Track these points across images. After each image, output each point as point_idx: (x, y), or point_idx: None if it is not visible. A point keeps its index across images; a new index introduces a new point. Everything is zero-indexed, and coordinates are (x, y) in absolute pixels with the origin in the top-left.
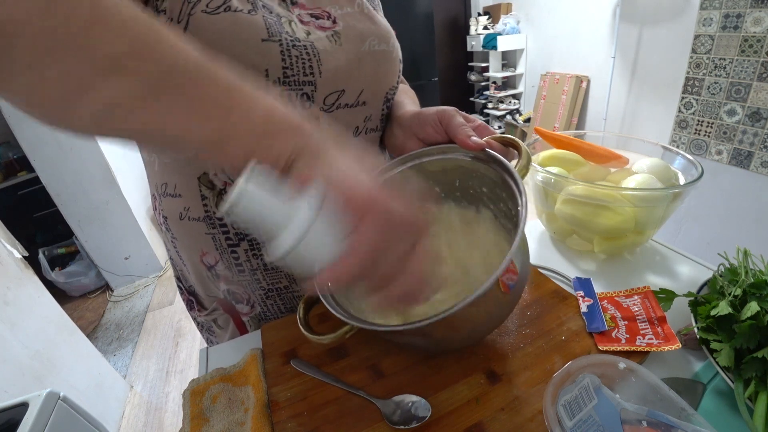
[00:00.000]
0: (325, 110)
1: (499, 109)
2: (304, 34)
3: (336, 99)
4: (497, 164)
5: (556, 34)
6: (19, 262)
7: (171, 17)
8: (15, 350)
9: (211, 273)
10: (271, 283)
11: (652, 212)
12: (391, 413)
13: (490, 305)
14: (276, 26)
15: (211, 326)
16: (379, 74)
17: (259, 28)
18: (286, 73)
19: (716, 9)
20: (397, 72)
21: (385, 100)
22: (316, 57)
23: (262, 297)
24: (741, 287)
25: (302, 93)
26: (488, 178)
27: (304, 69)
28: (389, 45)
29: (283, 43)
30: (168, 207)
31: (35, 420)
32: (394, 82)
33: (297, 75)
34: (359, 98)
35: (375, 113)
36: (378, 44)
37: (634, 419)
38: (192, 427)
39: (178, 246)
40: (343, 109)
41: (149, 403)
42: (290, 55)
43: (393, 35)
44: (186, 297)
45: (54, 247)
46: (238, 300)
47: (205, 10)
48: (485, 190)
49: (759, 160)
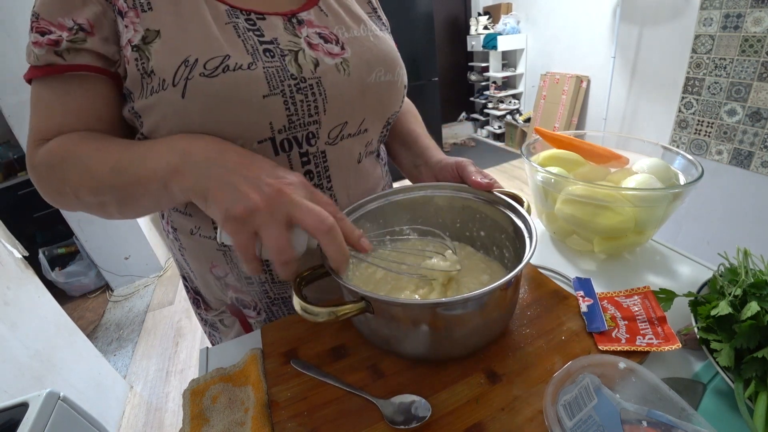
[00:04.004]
0: (330, 143)
1: (499, 109)
2: (311, 67)
3: (340, 131)
4: (505, 206)
5: (556, 34)
6: (19, 262)
7: (164, 78)
8: (15, 350)
9: (221, 282)
10: (278, 293)
11: (652, 212)
12: (391, 413)
13: (493, 308)
14: (279, 75)
15: (215, 324)
16: (382, 103)
17: (260, 84)
18: (291, 119)
19: (716, 9)
20: (401, 99)
21: (386, 124)
22: (322, 95)
23: (268, 304)
24: (741, 287)
25: (308, 132)
26: (490, 220)
27: (309, 111)
28: (395, 75)
29: (285, 92)
30: (178, 221)
31: (35, 420)
32: (397, 108)
33: (302, 118)
34: (361, 126)
35: (375, 137)
36: (384, 75)
37: (634, 419)
38: (192, 427)
39: (186, 255)
40: (346, 139)
41: (149, 403)
42: (294, 102)
43: (400, 63)
44: (192, 295)
45: (54, 247)
46: (245, 306)
47: (203, 73)
48: (482, 234)
49: (759, 160)
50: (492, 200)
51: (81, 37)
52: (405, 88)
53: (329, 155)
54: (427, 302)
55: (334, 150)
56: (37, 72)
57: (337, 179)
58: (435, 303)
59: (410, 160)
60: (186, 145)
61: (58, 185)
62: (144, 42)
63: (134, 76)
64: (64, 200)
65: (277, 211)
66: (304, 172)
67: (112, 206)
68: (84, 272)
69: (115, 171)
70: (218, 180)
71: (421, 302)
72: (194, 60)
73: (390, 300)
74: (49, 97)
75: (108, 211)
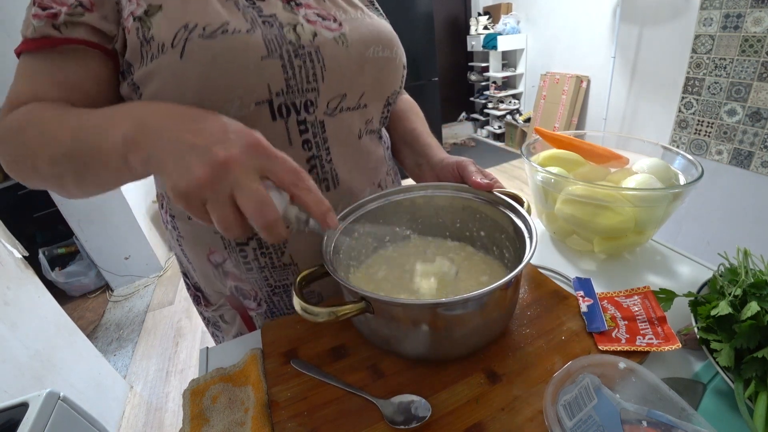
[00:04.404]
0: (328, 114)
1: (499, 109)
2: (310, 37)
3: (338, 103)
4: (505, 206)
5: (556, 34)
6: (19, 262)
7: (163, 42)
8: (15, 350)
9: (218, 271)
10: (279, 280)
11: (652, 212)
12: (391, 413)
13: (493, 308)
14: (277, 41)
15: (217, 321)
16: (381, 79)
17: (258, 48)
18: (288, 83)
19: (716, 9)
20: (401, 78)
21: (387, 104)
22: (320, 63)
23: (269, 294)
24: (741, 287)
25: (306, 100)
26: (491, 220)
27: (308, 77)
28: (393, 52)
29: (284, 56)
30: (176, 206)
31: (35, 420)
32: (397, 87)
33: (300, 83)
34: (360, 101)
35: (376, 116)
36: (382, 51)
37: (634, 419)
38: (192, 427)
39: (183, 245)
40: (345, 112)
41: (149, 403)
42: (293, 67)
43: (397, 42)
44: (192, 292)
45: (54, 247)
46: (245, 296)
47: (201, 34)
48: (483, 234)
49: (759, 160)
50: (492, 200)
51: (79, 12)
52: (404, 68)
53: (328, 126)
54: (427, 302)
55: (333, 121)
56: (31, 45)
57: (336, 153)
58: (435, 303)
59: (413, 159)
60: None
61: (15, 151)
62: (146, 14)
63: (134, 45)
64: (20, 170)
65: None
66: (303, 141)
67: (69, 180)
68: (84, 272)
69: (74, 140)
70: (167, 150)
71: (421, 302)
72: (194, 24)
73: (390, 300)
74: (36, 68)
75: (65, 186)
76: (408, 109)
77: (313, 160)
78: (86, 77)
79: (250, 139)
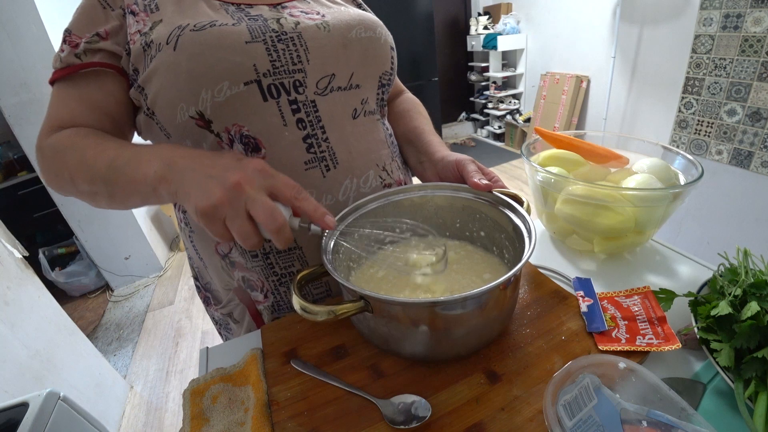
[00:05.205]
0: (319, 94)
1: (499, 109)
2: (292, 25)
3: (328, 83)
4: (505, 206)
5: (556, 34)
6: (19, 262)
7: (160, 42)
8: (15, 350)
9: (226, 262)
10: (284, 267)
11: (652, 212)
12: (391, 413)
13: (492, 307)
14: (260, 29)
15: (227, 322)
16: (368, 59)
17: (242, 34)
18: (274, 65)
19: (716, 9)
20: (389, 58)
21: (380, 85)
22: (303, 46)
23: (276, 284)
24: (741, 287)
25: (294, 80)
26: (490, 220)
27: (293, 59)
28: (375, 33)
29: (267, 41)
30: None
31: (35, 420)
32: (387, 67)
33: (286, 65)
34: (351, 81)
35: (371, 97)
36: (364, 32)
37: (634, 419)
38: (192, 427)
39: (194, 240)
40: (337, 92)
41: (149, 403)
42: (276, 50)
43: (380, 25)
44: (203, 294)
45: (54, 247)
46: (252, 287)
47: (192, 29)
48: (482, 234)
49: (759, 160)
50: (492, 200)
51: (95, 40)
52: (393, 49)
53: (320, 105)
54: (427, 301)
55: (325, 101)
56: (58, 73)
57: (332, 132)
58: (434, 302)
59: (415, 156)
60: (170, 156)
61: (58, 167)
62: (150, 29)
63: (138, 51)
64: (59, 182)
65: (237, 205)
66: (296, 120)
67: (102, 197)
68: (84, 272)
69: (111, 168)
70: (191, 182)
71: (421, 301)
72: (186, 24)
73: (389, 299)
74: (66, 92)
75: (98, 200)
76: (411, 108)
77: (309, 138)
78: (105, 94)
79: (257, 165)
